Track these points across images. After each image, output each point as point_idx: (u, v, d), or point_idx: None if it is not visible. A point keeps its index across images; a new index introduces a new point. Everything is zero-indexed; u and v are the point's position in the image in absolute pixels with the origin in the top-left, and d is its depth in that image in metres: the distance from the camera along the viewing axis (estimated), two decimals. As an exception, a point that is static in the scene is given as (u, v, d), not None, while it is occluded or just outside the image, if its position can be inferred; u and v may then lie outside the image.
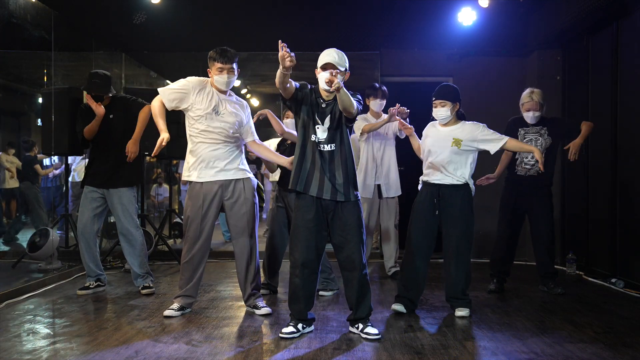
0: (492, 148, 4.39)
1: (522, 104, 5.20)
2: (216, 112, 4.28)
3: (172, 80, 10.00)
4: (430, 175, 4.47)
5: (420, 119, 5.02)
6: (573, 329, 4.06)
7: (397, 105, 4.90)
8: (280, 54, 3.56)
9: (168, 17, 7.01)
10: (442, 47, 7.39)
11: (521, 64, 7.35)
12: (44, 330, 4.01)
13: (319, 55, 3.89)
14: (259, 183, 4.60)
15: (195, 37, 7.42)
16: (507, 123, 5.37)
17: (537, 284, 5.45)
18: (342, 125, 3.87)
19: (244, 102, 4.52)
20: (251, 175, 4.46)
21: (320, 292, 5.09)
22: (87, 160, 5.82)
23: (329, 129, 3.85)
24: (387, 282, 5.82)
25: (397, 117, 4.82)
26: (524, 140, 5.18)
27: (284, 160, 4.38)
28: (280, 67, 3.59)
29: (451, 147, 4.38)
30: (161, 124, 4.23)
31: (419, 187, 4.60)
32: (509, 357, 3.47)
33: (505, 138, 4.39)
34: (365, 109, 5.59)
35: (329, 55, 3.83)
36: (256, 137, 4.50)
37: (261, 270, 4.82)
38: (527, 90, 5.21)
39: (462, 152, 4.39)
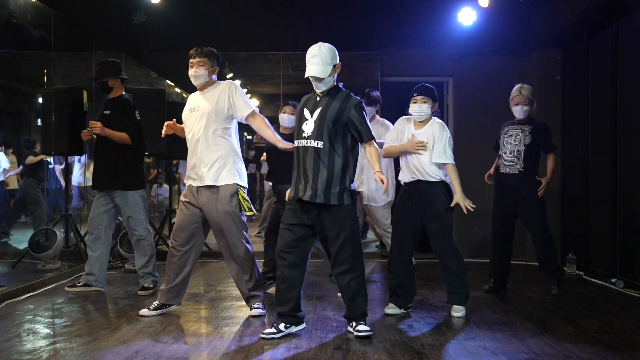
0: (434, 158, 4.36)
1: (511, 99, 5.23)
2: (193, 109, 4.28)
3: (172, 80, 10.00)
4: (405, 176, 4.50)
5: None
6: (573, 329, 4.06)
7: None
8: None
9: (168, 17, 7.02)
10: (442, 47, 7.39)
11: (521, 64, 7.34)
12: (44, 330, 4.01)
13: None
14: (241, 191, 4.26)
15: (195, 37, 7.37)
16: (500, 129, 5.37)
17: (537, 284, 5.45)
18: (337, 123, 3.77)
19: (229, 82, 4.36)
20: (237, 180, 4.23)
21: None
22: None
23: (316, 122, 3.78)
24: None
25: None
26: (505, 136, 5.21)
27: (283, 145, 4.21)
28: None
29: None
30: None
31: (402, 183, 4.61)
32: (509, 357, 3.47)
33: (449, 162, 4.35)
34: None
35: (312, 66, 3.76)
36: (253, 108, 4.25)
37: (257, 265, 4.59)
38: (517, 86, 5.23)
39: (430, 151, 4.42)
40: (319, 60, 3.75)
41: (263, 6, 7.21)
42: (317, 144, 3.76)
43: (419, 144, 4.37)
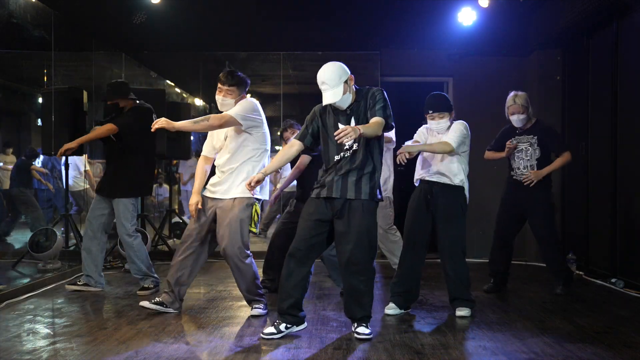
0: (445, 138, 4.42)
1: (507, 107, 5.23)
2: (221, 139, 4.36)
3: (172, 80, 9.97)
4: (425, 174, 4.51)
5: (420, 119, 5.02)
6: (573, 329, 4.06)
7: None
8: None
9: (168, 17, 7.01)
10: (442, 47, 7.40)
11: (521, 64, 7.35)
12: (44, 330, 4.01)
13: (319, 54, 3.88)
14: (256, 205, 4.30)
15: (195, 37, 7.41)
16: (500, 131, 5.39)
17: (537, 284, 5.45)
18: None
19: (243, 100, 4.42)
20: (250, 194, 4.19)
21: None
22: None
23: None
24: (388, 281, 5.81)
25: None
26: (515, 151, 5.20)
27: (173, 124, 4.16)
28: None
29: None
30: (196, 186, 4.37)
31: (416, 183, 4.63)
32: (509, 357, 3.47)
33: (452, 146, 4.35)
34: None
35: (324, 94, 3.79)
36: (230, 113, 4.19)
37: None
38: (511, 94, 5.22)
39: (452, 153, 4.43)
40: (328, 86, 3.78)
41: (263, 6, 7.21)
42: (354, 146, 3.80)
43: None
